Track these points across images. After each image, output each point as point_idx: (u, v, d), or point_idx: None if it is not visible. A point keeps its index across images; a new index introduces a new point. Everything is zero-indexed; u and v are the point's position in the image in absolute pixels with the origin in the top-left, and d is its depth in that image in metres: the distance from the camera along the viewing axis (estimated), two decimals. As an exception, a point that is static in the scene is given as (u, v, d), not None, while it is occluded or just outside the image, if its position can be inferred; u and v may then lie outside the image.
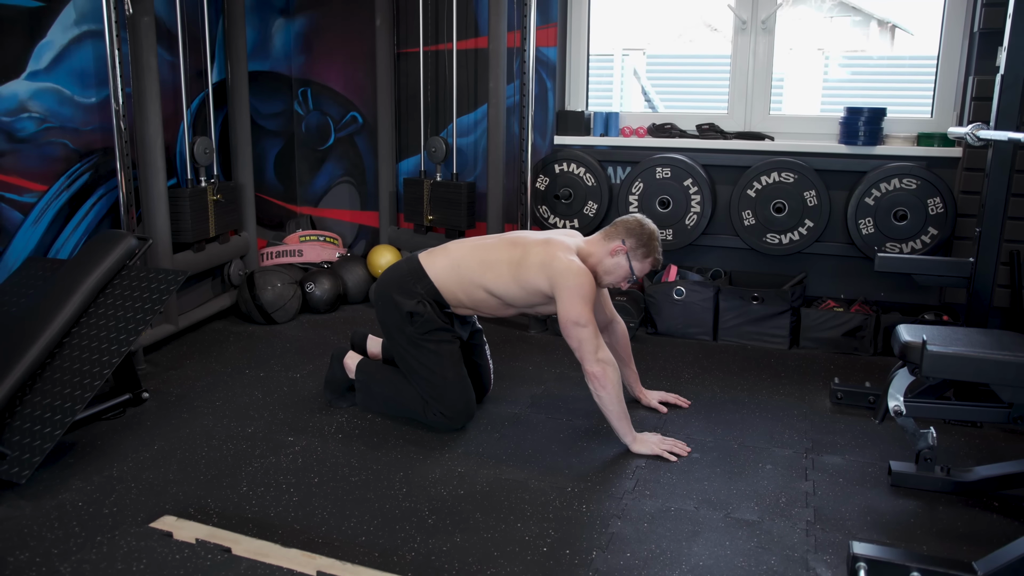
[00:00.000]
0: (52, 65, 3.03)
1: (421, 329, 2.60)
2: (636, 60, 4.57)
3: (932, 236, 3.42)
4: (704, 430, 2.68)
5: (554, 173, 3.94)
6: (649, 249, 2.59)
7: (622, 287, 2.68)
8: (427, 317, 2.59)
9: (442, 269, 2.63)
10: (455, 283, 2.61)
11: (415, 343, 2.61)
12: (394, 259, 4.21)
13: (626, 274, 2.61)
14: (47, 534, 2.00)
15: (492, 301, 2.62)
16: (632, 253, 2.58)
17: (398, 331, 2.63)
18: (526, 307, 2.66)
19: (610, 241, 2.60)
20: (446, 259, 2.64)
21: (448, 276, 2.61)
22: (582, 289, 2.45)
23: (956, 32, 3.51)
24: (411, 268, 2.66)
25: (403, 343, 2.64)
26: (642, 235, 2.58)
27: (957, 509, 2.19)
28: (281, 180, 4.46)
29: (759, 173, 3.62)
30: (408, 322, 2.60)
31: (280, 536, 2.01)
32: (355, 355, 2.82)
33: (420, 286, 2.62)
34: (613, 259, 2.59)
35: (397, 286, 2.64)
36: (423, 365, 2.62)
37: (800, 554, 1.97)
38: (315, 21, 4.34)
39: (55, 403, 2.36)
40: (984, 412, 2.24)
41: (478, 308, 2.66)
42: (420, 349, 2.61)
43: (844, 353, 3.47)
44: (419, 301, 2.60)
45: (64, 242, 3.16)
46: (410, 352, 2.63)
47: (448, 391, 2.61)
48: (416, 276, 2.63)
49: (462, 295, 2.63)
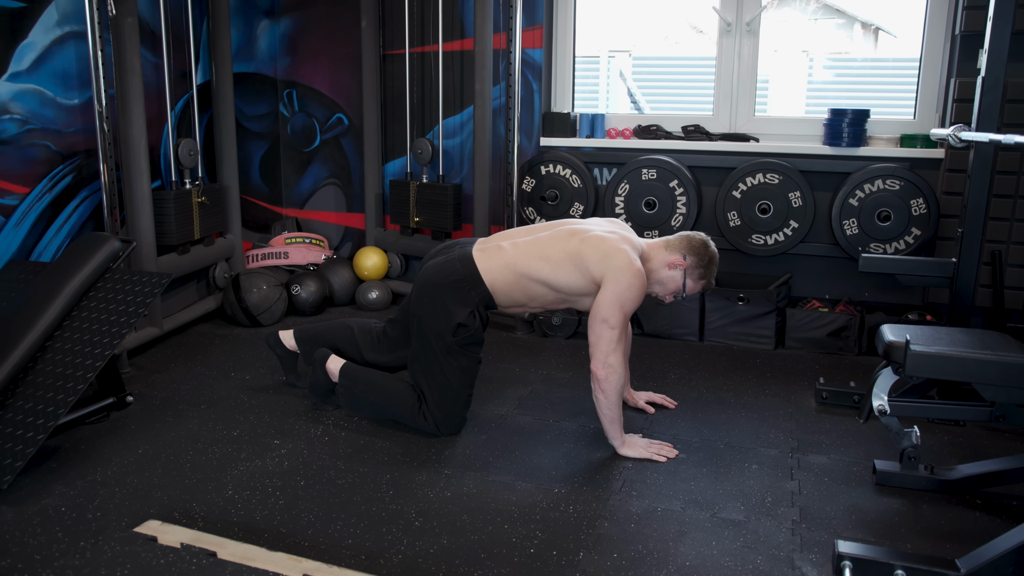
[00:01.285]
0: (34, 66, 3.00)
1: (463, 341, 2.53)
2: (622, 62, 4.58)
3: (915, 237, 3.45)
4: (690, 430, 2.69)
5: (540, 175, 3.94)
6: (707, 272, 2.59)
7: (666, 300, 2.65)
8: (474, 331, 2.53)
9: (498, 272, 2.53)
10: (512, 283, 2.53)
11: (451, 352, 2.53)
12: (381, 261, 4.20)
13: (677, 289, 2.59)
14: (29, 540, 1.98)
15: (549, 295, 2.55)
16: (690, 271, 2.57)
17: (437, 336, 2.53)
18: (580, 295, 2.53)
19: (671, 253, 2.57)
20: (501, 259, 2.54)
21: (504, 277, 2.53)
22: (630, 292, 2.40)
23: (938, 35, 3.55)
24: (467, 272, 2.54)
25: (438, 348, 2.54)
26: (704, 256, 2.57)
27: (941, 507, 2.21)
28: (266, 182, 4.45)
29: (744, 174, 3.64)
30: (453, 332, 2.51)
31: (266, 540, 2.00)
32: (337, 359, 2.78)
33: (475, 293, 2.53)
34: (670, 272, 2.57)
35: (452, 291, 2.53)
36: (445, 375, 2.55)
37: (786, 553, 1.98)
38: (300, 23, 4.33)
39: (38, 407, 2.34)
40: (967, 411, 2.26)
41: (531, 303, 2.59)
42: (452, 359, 2.54)
43: (829, 353, 3.50)
44: (472, 312, 2.52)
45: (47, 245, 3.13)
46: (439, 359, 2.54)
47: (456, 406, 2.58)
48: (472, 282, 2.53)
49: (518, 294, 2.55)
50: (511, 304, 2.60)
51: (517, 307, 2.62)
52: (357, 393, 2.71)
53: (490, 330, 3.74)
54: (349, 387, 2.72)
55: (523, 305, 2.61)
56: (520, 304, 2.60)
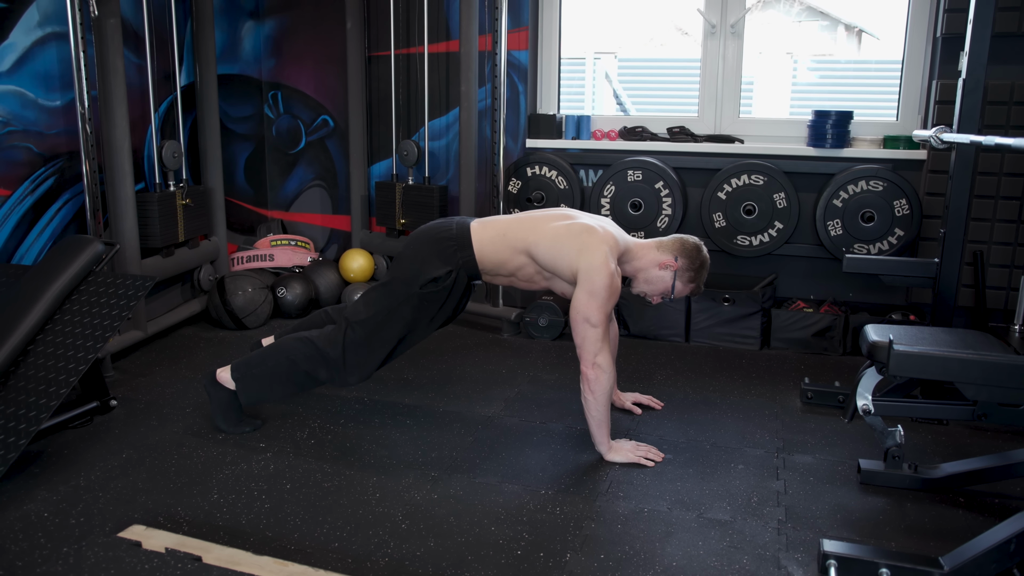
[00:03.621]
0: (15, 67, 2.97)
1: (427, 294, 2.51)
2: (607, 63, 4.59)
3: (899, 237, 3.48)
4: (677, 431, 2.70)
5: (526, 176, 3.94)
6: (697, 276, 2.60)
7: (653, 301, 2.66)
8: (441, 288, 2.52)
9: (488, 240, 2.54)
10: (501, 249, 2.53)
11: (409, 301, 2.52)
12: (367, 263, 4.19)
13: (665, 290, 2.60)
14: (11, 546, 1.96)
15: (530, 267, 2.55)
16: (680, 273, 2.58)
17: (404, 281, 2.52)
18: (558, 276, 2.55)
19: (663, 254, 2.58)
20: (495, 230, 2.56)
21: (493, 246, 2.54)
22: (606, 291, 2.40)
23: (920, 37, 3.58)
24: (460, 234, 2.56)
25: (399, 291, 2.53)
26: (696, 260, 2.58)
27: (924, 505, 2.23)
28: (251, 184, 4.42)
29: (729, 175, 3.65)
30: (422, 283, 2.50)
31: (252, 543, 1.99)
32: (224, 368, 2.63)
33: (461, 255, 2.54)
34: (660, 272, 2.58)
35: (438, 246, 2.54)
36: (389, 319, 2.52)
37: (772, 553, 1.99)
38: (285, 24, 4.31)
39: (19, 412, 2.31)
40: (950, 410, 2.28)
41: (514, 276, 2.59)
42: (405, 307, 2.52)
43: (814, 353, 3.52)
44: (450, 271, 2.52)
45: (28, 248, 3.10)
46: (393, 301, 2.52)
47: (373, 355, 2.55)
48: (461, 244, 2.54)
49: (504, 265, 2.55)
50: (496, 273, 2.60)
51: (502, 277, 2.62)
52: (255, 371, 2.59)
53: (477, 332, 3.74)
54: (244, 372, 2.59)
55: (508, 277, 2.61)
56: (504, 276, 2.61)
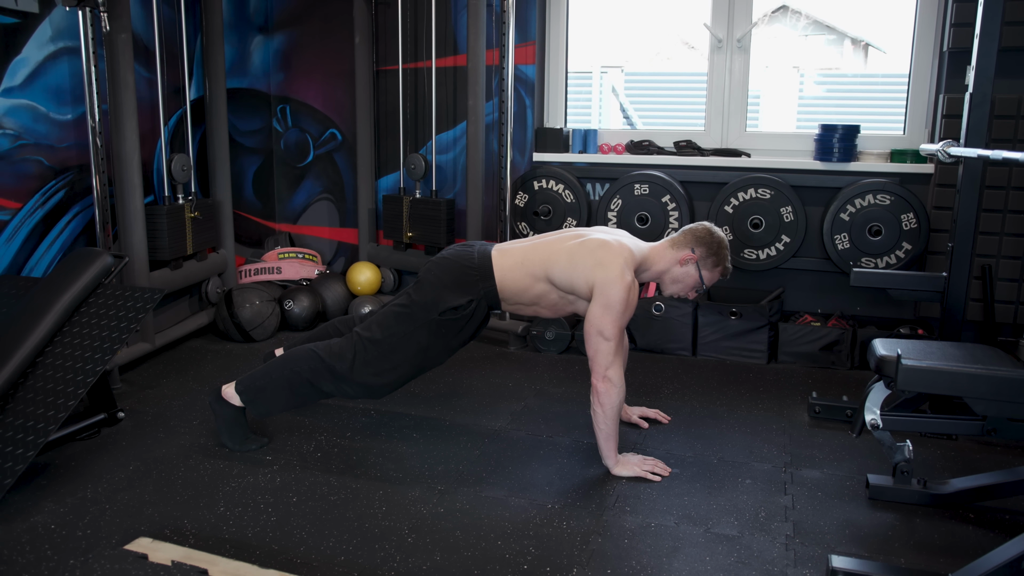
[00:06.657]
0: (27, 82, 3.00)
1: (446, 321, 2.50)
2: (614, 77, 4.61)
3: (906, 251, 3.47)
4: (684, 445, 2.69)
5: (533, 190, 3.95)
6: (719, 258, 2.56)
7: (689, 297, 2.63)
8: (460, 316, 2.50)
9: (509, 270, 2.53)
10: (521, 279, 2.52)
11: (427, 326, 2.49)
12: (374, 276, 4.20)
13: (695, 283, 2.58)
14: (18, 558, 1.96)
15: (553, 294, 2.54)
16: (702, 262, 2.54)
17: (423, 306, 2.50)
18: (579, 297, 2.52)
19: (678, 250, 2.56)
20: (513, 259, 2.55)
21: (513, 276, 2.53)
22: (622, 304, 2.38)
23: (927, 51, 3.58)
24: (482, 263, 2.54)
25: (417, 315, 2.50)
26: (712, 243, 2.54)
27: (934, 521, 2.21)
28: (260, 197, 4.45)
29: (736, 189, 3.66)
30: (441, 311, 2.48)
31: (258, 557, 1.98)
32: (229, 384, 2.58)
33: (483, 286, 2.53)
34: (682, 268, 2.55)
35: (460, 276, 2.52)
36: (403, 342, 2.50)
37: (780, 568, 1.97)
38: (294, 38, 4.35)
39: (28, 424, 2.32)
40: (959, 425, 2.26)
41: (538, 304, 2.58)
42: (422, 332, 2.49)
43: (822, 367, 3.50)
44: (471, 301, 2.51)
45: (38, 260, 3.12)
46: (411, 324, 2.50)
47: (383, 376, 2.52)
48: (483, 274, 2.52)
49: (526, 293, 2.54)
50: (518, 303, 2.58)
51: (526, 307, 2.61)
52: (260, 383, 2.53)
53: (484, 345, 3.74)
54: (251, 387, 2.54)
55: (531, 305, 2.60)
56: (526, 305, 2.59)
